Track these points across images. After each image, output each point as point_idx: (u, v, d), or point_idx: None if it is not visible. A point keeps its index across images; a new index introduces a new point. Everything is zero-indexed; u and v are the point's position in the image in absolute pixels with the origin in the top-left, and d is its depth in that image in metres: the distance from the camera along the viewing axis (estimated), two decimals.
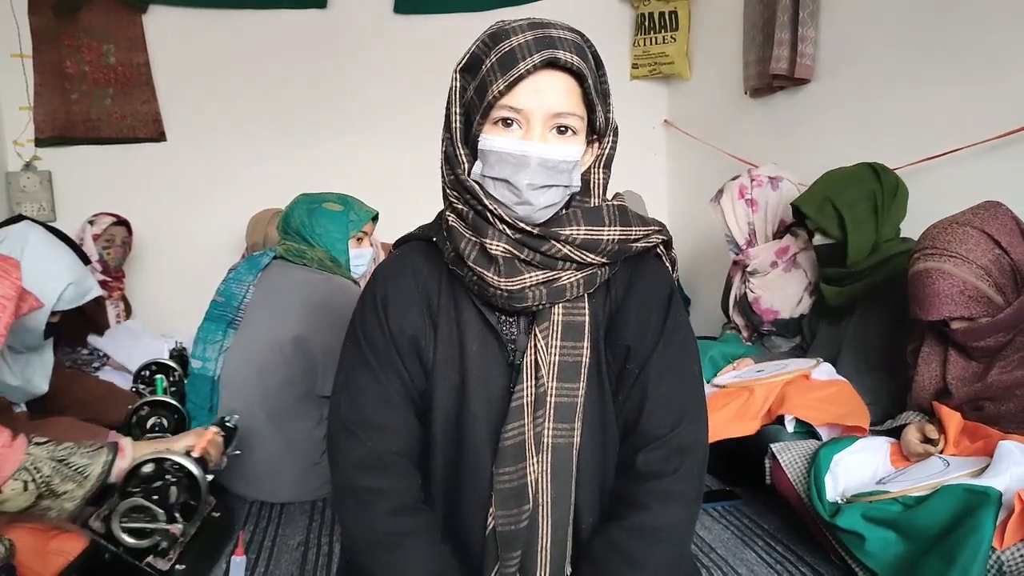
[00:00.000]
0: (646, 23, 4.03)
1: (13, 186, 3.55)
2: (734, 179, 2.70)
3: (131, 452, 1.57)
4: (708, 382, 2.43)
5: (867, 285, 2.13)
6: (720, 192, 2.72)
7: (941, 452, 1.68)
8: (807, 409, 1.95)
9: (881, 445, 1.78)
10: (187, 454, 1.67)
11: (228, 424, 1.93)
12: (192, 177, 3.82)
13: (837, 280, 2.22)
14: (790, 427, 1.98)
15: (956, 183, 2.30)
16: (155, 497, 1.56)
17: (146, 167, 3.77)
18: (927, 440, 1.71)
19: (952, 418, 1.70)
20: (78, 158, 3.67)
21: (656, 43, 4.03)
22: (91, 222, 3.32)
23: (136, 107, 3.70)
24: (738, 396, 2.07)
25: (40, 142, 3.60)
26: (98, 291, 2.54)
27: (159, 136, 3.76)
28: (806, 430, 1.97)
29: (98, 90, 3.65)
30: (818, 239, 2.28)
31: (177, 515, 1.60)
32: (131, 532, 1.55)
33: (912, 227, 1.77)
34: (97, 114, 3.66)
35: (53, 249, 2.44)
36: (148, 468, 1.61)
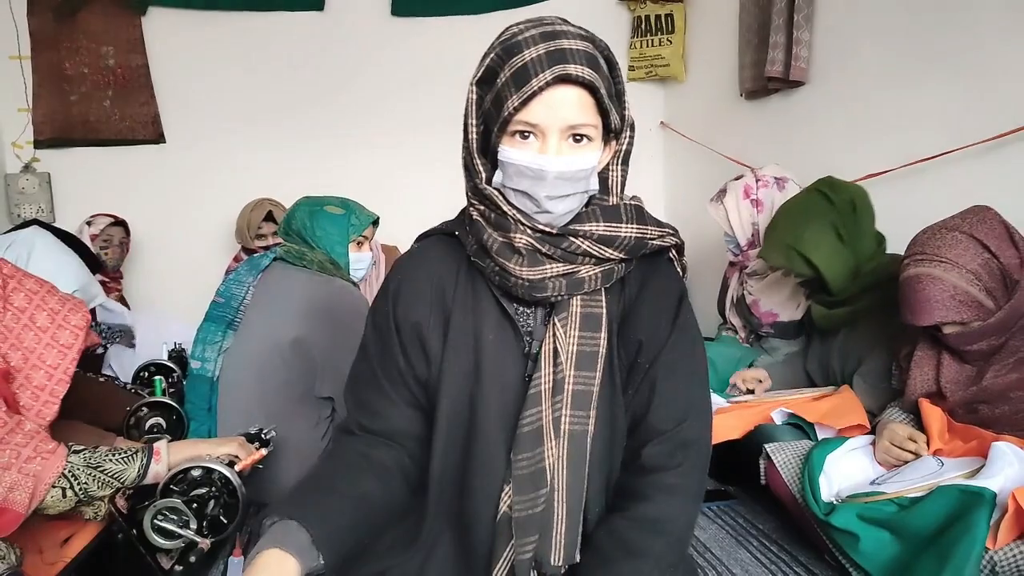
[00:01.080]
0: (642, 26, 4.05)
1: (12, 188, 3.56)
2: (737, 179, 2.70)
3: (167, 455, 1.60)
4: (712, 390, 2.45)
5: (851, 312, 2.12)
6: (722, 192, 2.71)
7: (928, 452, 1.69)
8: (803, 410, 1.98)
9: (868, 446, 1.81)
10: (230, 464, 1.67)
11: (265, 437, 1.93)
12: (191, 178, 3.83)
13: (826, 303, 2.21)
14: (779, 419, 1.99)
15: (948, 184, 2.32)
16: (195, 505, 1.57)
17: (145, 169, 3.78)
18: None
19: (934, 414, 1.72)
20: (77, 160, 3.69)
21: (652, 45, 4.05)
22: (89, 223, 3.33)
23: (135, 109, 3.72)
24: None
25: (39, 144, 3.62)
26: (103, 298, 2.56)
27: (158, 138, 3.78)
28: (796, 424, 2.00)
29: (97, 92, 3.67)
30: (797, 277, 2.28)
31: (205, 528, 1.59)
32: (160, 531, 1.56)
33: (905, 228, 1.79)
34: (96, 116, 3.68)
35: (59, 255, 2.46)
36: (196, 472, 1.62)
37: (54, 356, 1.49)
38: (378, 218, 2.50)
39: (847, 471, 1.76)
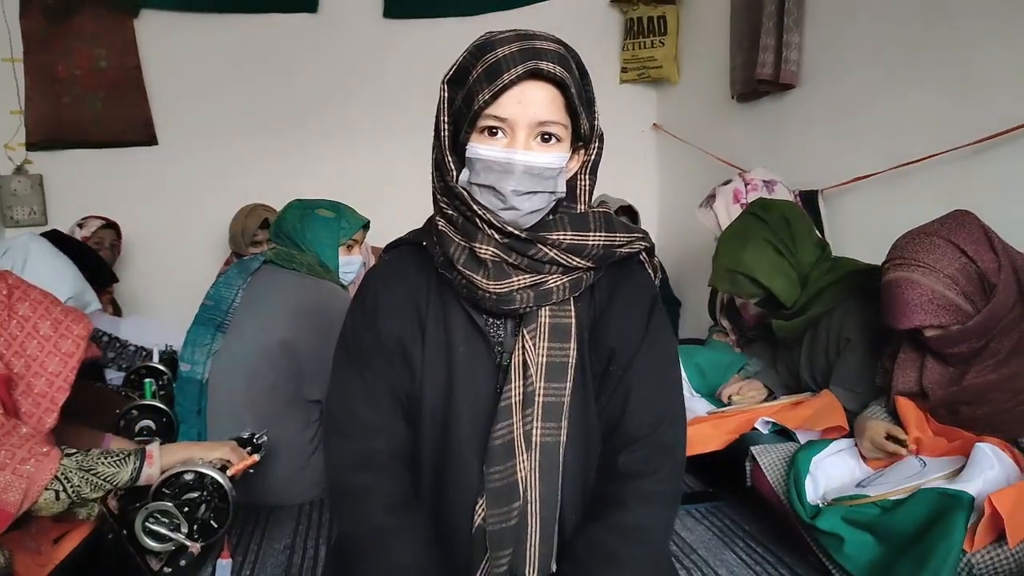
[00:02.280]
0: (635, 28, 4.07)
1: (4, 190, 3.57)
2: (726, 184, 2.70)
3: (159, 458, 1.61)
4: (697, 392, 2.45)
5: (808, 321, 2.15)
6: (712, 197, 2.71)
7: (907, 449, 1.71)
8: (783, 417, 2.00)
9: (853, 446, 1.82)
10: (222, 469, 1.68)
11: (257, 442, 1.94)
12: (183, 180, 3.84)
13: (783, 316, 2.23)
14: (764, 429, 2.01)
15: (936, 187, 2.33)
16: (186, 509, 1.57)
17: (137, 171, 3.79)
18: (895, 441, 1.73)
19: (908, 407, 1.74)
20: (69, 162, 3.69)
21: (645, 47, 4.07)
22: (80, 225, 3.33)
23: (127, 111, 3.72)
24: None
25: (31, 146, 3.62)
26: (96, 304, 2.55)
27: (150, 140, 3.78)
28: (780, 430, 2.01)
29: (89, 94, 3.67)
30: (751, 298, 2.30)
31: (195, 532, 1.60)
32: (151, 534, 1.56)
33: (893, 230, 1.80)
34: (88, 118, 3.68)
35: (54, 262, 2.46)
36: (189, 476, 1.62)
37: (56, 364, 1.51)
38: (368, 222, 2.51)
39: (833, 472, 1.77)
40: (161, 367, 2.60)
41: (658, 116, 4.30)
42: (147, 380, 2.44)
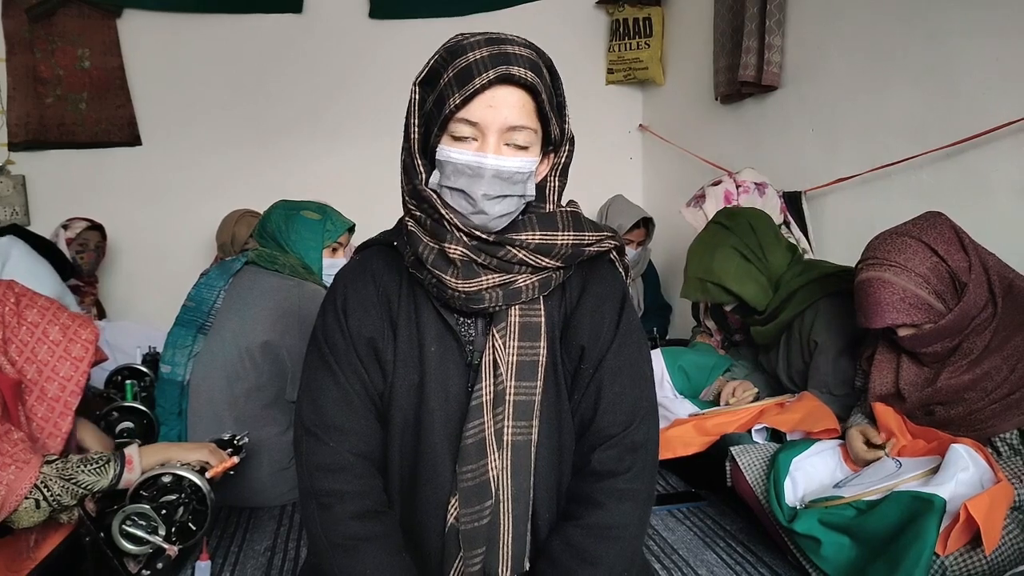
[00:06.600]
0: (620, 29, 4.08)
1: None
2: (715, 184, 2.70)
3: (139, 462, 1.61)
4: (681, 394, 2.45)
5: (780, 325, 2.17)
6: (701, 197, 2.71)
7: (888, 453, 1.72)
8: (776, 421, 2.01)
9: (834, 448, 1.83)
10: (201, 471, 1.67)
11: (237, 443, 1.93)
12: (167, 181, 3.82)
13: (758, 322, 2.26)
14: (759, 438, 2.01)
15: (914, 188, 2.35)
16: (164, 511, 1.57)
17: (121, 171, 3.77)
18: (872, 446, 1.75)
19: (887, 414, 1.75)
20: (52, 162, 3.67)
21: (631, 49, 4.08)
22: (65, 226, 3.31)
23: (111, 111, 3.70)
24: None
25: (14, 146, 3.60)
26: (75, 308, 2.53)
27: (134, 140, 3.76)
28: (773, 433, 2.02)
29: (72, 94, 3.65)
30: (727, 305, 2.32)
31: (173, 535, 1.60)
32: (128, 536, 1.56)
33: (873, 231, 1.81)
34: (72, 118, 3.66)
35: (34, 266, 2.45)
36: (167, 479, 1.62)
37: (67, 368, 1.53)
38: (354, 225, 2.51)
39: (812, 474, 1.78)
40: (143, 368, 2.59)
41: (644, 117, 4.31)
42: (128, 382, 2.43)
